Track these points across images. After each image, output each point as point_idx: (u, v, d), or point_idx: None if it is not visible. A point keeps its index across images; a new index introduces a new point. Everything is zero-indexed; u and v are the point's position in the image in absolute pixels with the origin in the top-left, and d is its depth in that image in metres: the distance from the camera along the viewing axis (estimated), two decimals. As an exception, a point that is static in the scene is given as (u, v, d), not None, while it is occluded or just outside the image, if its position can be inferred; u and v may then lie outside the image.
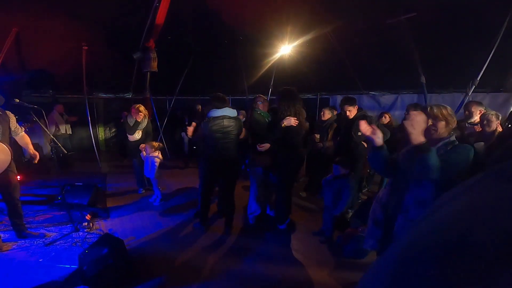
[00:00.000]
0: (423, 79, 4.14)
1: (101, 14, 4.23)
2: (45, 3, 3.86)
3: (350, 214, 3.87)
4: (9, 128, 2.88)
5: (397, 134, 4.70)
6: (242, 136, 3.44)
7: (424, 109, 1.76)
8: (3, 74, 4.91)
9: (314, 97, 7.84)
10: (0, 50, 4.42)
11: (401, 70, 5.00)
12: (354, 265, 2.86)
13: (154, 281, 2.52)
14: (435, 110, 1.73)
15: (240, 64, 6.45)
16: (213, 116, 3.20)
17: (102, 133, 8.81)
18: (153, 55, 4.18)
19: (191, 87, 7.81)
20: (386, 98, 6.52)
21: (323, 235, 3.42)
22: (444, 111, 1.73)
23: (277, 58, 5.73)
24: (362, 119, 3.64)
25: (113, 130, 8.97)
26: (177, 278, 2.59)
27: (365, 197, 4.65)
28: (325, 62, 5.56)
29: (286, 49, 5.22)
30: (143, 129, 4.62)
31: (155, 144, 4.37)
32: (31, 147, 3.07)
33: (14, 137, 2.99)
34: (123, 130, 7.04)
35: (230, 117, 3.23)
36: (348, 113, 3.80)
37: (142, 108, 4.39)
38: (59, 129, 6.29)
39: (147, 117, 4.57)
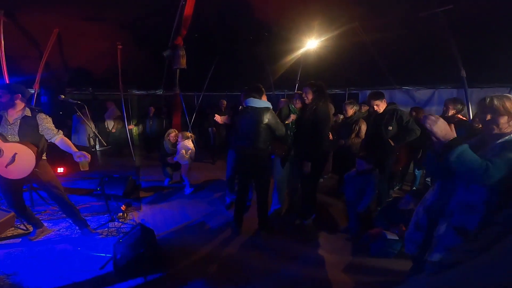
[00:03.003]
0: (463, 73, 3.84)
1: (133, 15, 4.41)
2: (82, 4, 4.08)
3: (377, 211, 3.76)
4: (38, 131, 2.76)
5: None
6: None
7: (481, 101, 1.56)
8: (48, 72, 5.33)
9: (343, 92, 7.61)
10: (44, 50, 4.76)
11: (438, 63, 4.70)
12: (380, 264, 2.79)
13: (179, 272, 2.61)
14: (495, 102, 1.50)
15: (265, 60, 6.42)
16: (244, 106, 3.20)
17: (136, 128, 9.27)
18: (182, 52, 4.31)
19: (218, 83, 7.94)
20: (422, 93, 6.18)
21: (350, 233, 3.36)
22: (507, 104, 1.48)
23: (303, 53, 5.62)
24: (393, 113, 3.58)
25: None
26: (200, 271, 2.66)
27: (396, 196, 4.47)
28: (353, 56, 5.35)
29: (312, 43, 5.09)
30: None
31: (188, 134, 4.77)
32: (73, 148, 2.79)
33: (51, 141, 2.82)
34: (153, 125, 7.59)
35: (256, 108, 3.09)
36: (376, 107, 3.70)
37: (174, 133, 4.95)
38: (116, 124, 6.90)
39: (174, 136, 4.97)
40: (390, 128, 3.61)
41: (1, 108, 2.69)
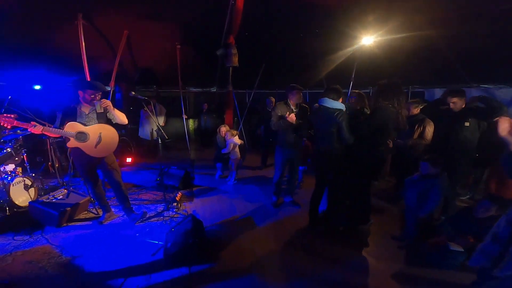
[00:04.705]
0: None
1: (188, 16, 4.63)
2: (146, 8, 4.41)
3: (442, 220, 3.36)
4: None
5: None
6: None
7: None
8: (121, 71, 5.95)
9: (405, 90, 6.95)
10: (117, 50, 5.30)
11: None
12: (434, 275, 2.57)
13: (222, 265, 2.70)
14: None
15: (316, 57, 6.19)
16: (317, 105, 3.28)
17: (192, 123, 9.89)
18: (234, 51, 4.43)
19: (268, 80, 7.96)
20: (504, 92, 5.39)
21: (404, 240, 3.09)
22: None
23: (358, 49, 5.25)
24: (473, 110, 3.14)
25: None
26: (243, 266, 2.71)
27: (465, 205, 3.95)
28: (417, 51, 4.81)
29: (368, 40, 4.71)
30: None
31: (234, 132, 5.13)
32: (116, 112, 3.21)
33: (113, 120, 3.24)
34: (208, 121, 8.02)
35: (328, 108, 3.10)
36: (452, 105, 3.33)
37: (224, 128, 5.27)
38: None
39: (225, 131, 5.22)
40: (467, 124, 3.28)
41: (80, 102, 3.11)
